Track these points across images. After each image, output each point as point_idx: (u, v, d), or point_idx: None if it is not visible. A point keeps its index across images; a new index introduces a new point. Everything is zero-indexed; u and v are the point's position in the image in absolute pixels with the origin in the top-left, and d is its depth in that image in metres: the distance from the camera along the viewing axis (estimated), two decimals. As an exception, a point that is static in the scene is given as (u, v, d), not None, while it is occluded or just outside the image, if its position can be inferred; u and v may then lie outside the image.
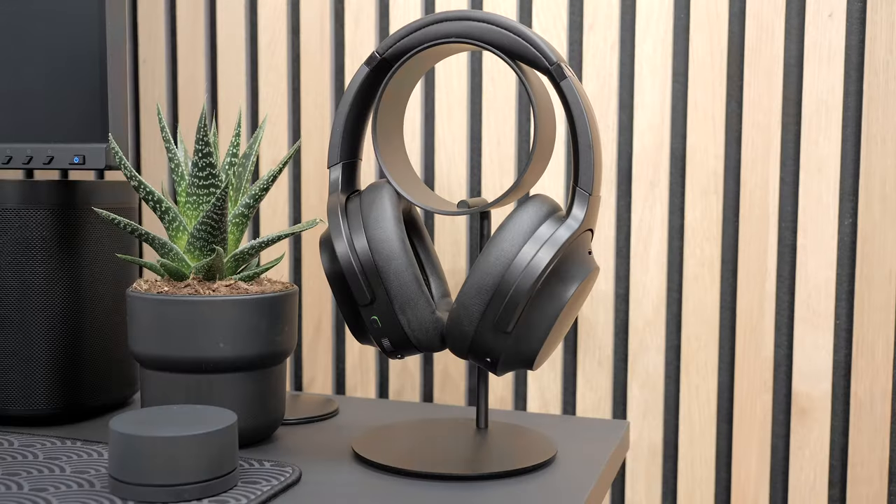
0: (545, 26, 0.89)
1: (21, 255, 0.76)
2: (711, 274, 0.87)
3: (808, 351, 0.84)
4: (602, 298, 0.89)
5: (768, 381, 0.86)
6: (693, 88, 0.86)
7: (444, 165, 0.93)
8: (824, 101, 0.83)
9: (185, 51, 1.01)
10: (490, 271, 0.64)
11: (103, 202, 0.80)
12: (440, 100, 0.93)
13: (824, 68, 0.82)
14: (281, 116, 0.98)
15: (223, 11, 0.99)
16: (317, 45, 0.96)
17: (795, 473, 0.86)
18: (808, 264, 0.84)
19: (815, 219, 0.83)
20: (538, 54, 0.65)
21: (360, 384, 0.98)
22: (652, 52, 0.87)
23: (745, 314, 0.86)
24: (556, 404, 0.91)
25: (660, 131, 0.87)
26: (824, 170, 0.83)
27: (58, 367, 0.77)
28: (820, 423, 0.85)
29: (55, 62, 0.76)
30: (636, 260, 0.88)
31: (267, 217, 0.99)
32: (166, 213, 0.71)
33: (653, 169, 0.87)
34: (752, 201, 0.85)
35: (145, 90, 1.03)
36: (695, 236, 0.87)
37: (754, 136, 0.85)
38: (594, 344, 0.90)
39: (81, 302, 0.78)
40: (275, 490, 0.61)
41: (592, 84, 0.88)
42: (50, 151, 0.75)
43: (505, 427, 0.77)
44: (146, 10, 1.02)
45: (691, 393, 0.88)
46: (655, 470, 0.89)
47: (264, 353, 0.70)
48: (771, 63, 0.84)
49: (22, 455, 0.68)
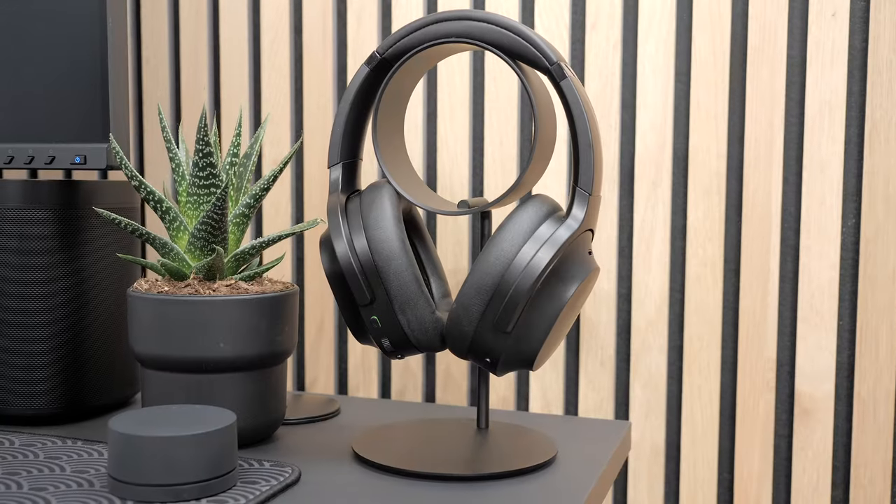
0: (547, 26, 0.89)
1: (23, 254, 0.76)
2: (714, 274, 0.86)
3: (811, 351, 0.84)
4: (604, 298, 0.89)
5: (771, 381, 0.86)
6: (695, 88, 0.86)
7: (447, 165, 0.93)
8: (827, 101, 0.82)
9: (188, 50, 1.01)
10: (489, 271, 0.64)
11: (106, 202, 0.80)
12: (442, 100, 0.92)
13: (827, 68, 0.82)
14: (284, 116, 0.98)
15: (226, 11, 0.99)
16: (319, 45, 0.96)
17: (798, 474, 0.85)
18: (811, 265, 0.84)
19: (818, 219, 0.83)
20: (538, 54, 0.65)
21: (362, 384, 0.98)
22: (654, 52, 0.86)
23: (747, 314, 0.86)
24: (558, 404, 0.91)
25: (662, 131, 0.87)
26: (827, 170, 0.83)
27: (59, 367, 0.77)
28: (823, 424, 0.84)
29: (57, 62, 0.76)
30: (638, 260, 0.88)
31: (270, 217, 0.99)
32: (167, 213, 0.72)
33: (655, 169, 0.87)
34: (754, 201, 0.85)
35: (148, 90, 1.03)
36: (697, 236, 0.87)
37: (757, 135, 0.84)
38: (596, 344, 0.90)
39: (83, 302, 0.78)
40: (274, 490, 0.61)
41: (595, 84, 0.88)
42: (52, 151, 0.75)
43: (506, 427, 0.77)
44: (149, 10, 1.02)
45: (694, 393, 0.88)
46: (658, 470, 0.89)
47: (264, 353, 0.70)
48: (774, 63, 0.84)
49: (22, 454, 0.68)
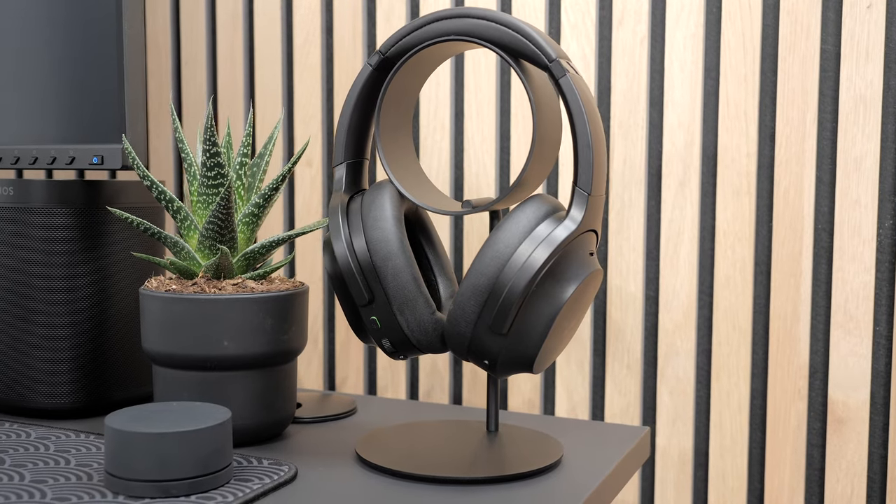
0: (574, 22, 0.87)
1: (47, 252, 0.78)
2: (744, 277, 0.84)
3: (845, 358, 0.81)
4: (631, 301, 0.87)
5: (803, 388, 0.82)
6: (725, 84, 0.83)
7: (473, 165, 0.92)
8: (862, 96, 0.79)
9: (224, 51, 1.02)
10: (485, 272, 0.63)
11: (128, 201, 0.81)
12: (469, 100, 0.92)
13: (862, 62, 0.79)
14: (315, 115, 0.99)
15: (260, 12, 1.00)
16: (349, 45, 0.97)
17: (832, 485, 0.82)
18: (846, 267, 0.80)
19: (852, 220, 0.80)
20: (537, 51, 0.63)
21: (390, 385, 0.97)
22: (682, 47, 0.84)
23: (778, 319, 0.83)
24: (583, 408, 0.90)
25: (690, 129, 0.84)
26: (862, 168, 0.79)
27: (81, 362, 0.79)
28: (858, 434, 0.81)
29: (77, 63, 0.78)
30: (666, 261, 0.86)
31: (302, 217, 1.00)
32: (178, 213, 0.73)
33: (683, 168, 0.85)
34: (786, 202, 0.82)
35: (187, 91, 1.05)
36: (726, 238, 0.84)
37: (789, 133, 0.81)
38: (622, 347, 0.88)
39: (105, 298, 0.80)
40: (265, 488, 0.61)
41: (621, 81, 0.86)
42: (72, 152, 0.77)
43: (515, 430, 0.76)
44: (188, 11, 1.04)
45: (722, 400, 0.85)
46: (685, 478, 0.87)
47: (270, 352, 0.71)
48: (806, 57, 0.80)
49: (34, 446, 0.70)
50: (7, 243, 0.78)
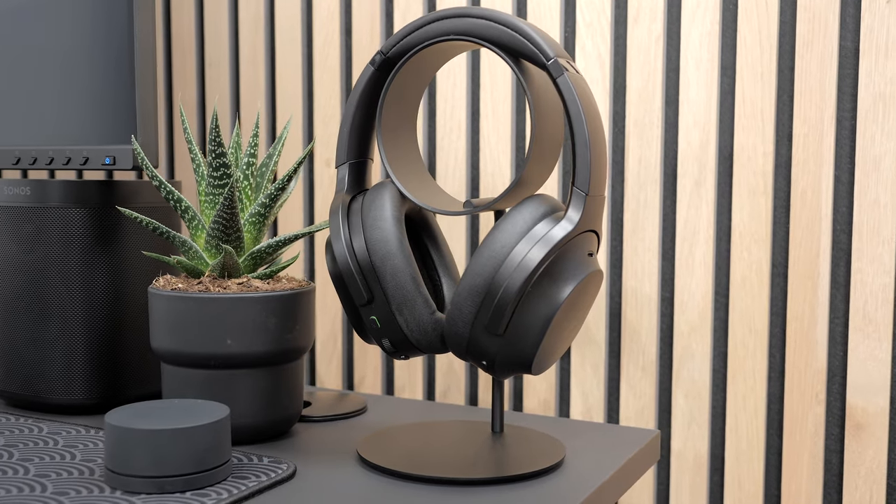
0: (589, 21, 0.87)
1: (64, 251, 0.80)
2: (760, 278, 0.82)
3: (864, 362, 0.79)
4: (646, 302, 0.86)
5: (821, 393, 0.81)
6: (741, 82, 0.82)
7: (489, 165, 0.92)
8: (882, 94, 0.77)
9: (247, 52, 1.03)
10: (481, 271, 0.62)
11: (143, 201, 0.83)
12: (485, 99, 0.91)
13: (881, 59, 0.77)
14: (334, 116, 0.99)
15: (281, 14, 1.01)
16: (368, 45, 0.97)
17: (850, 492, 0.80)
18: (864, 269, 0.78)
19: (871, 220, 0.78)
20: (535, 50, 0.63)
21: (407, 385, 0.98)
22: (698, 45, 0.83)
23: (796, 321, 0.81)
24: (598, 410, 0.89)
25: (706, 128, 0.83)
26: (882, 168, 0.77)
27: (97, 359, 0.81)
28: (877, 440, 0.79)
29: (91, 65, 0.79)
30: (681, 262, 0.85)
31: (321, 216, 1.01)
32: (186, 212, 0.73)
33: (699, 167, 0.84)
34: (803, 202, 0.80)
35: (211, 92, 1.06)
36: (742, 239, 0.82)
37: (806, 132, 0.80)
38: (637, 349, 0.87)
39: (121, 297, 0.82)
40: (261, 486, 0.62)
41: (637, 80, 0.85)
42: (86, 153, 0.78)
43: (519, 431, 0.75)
44: (212, 14, 1.05)
45: (738, 403, 0.84)
46: (701, 483, 0.85)
47: (273, 351, 0.71)
48: (824, 54, 0.79)
49: (44, 441, 0.71)
50: (24, 242, 0.80)
